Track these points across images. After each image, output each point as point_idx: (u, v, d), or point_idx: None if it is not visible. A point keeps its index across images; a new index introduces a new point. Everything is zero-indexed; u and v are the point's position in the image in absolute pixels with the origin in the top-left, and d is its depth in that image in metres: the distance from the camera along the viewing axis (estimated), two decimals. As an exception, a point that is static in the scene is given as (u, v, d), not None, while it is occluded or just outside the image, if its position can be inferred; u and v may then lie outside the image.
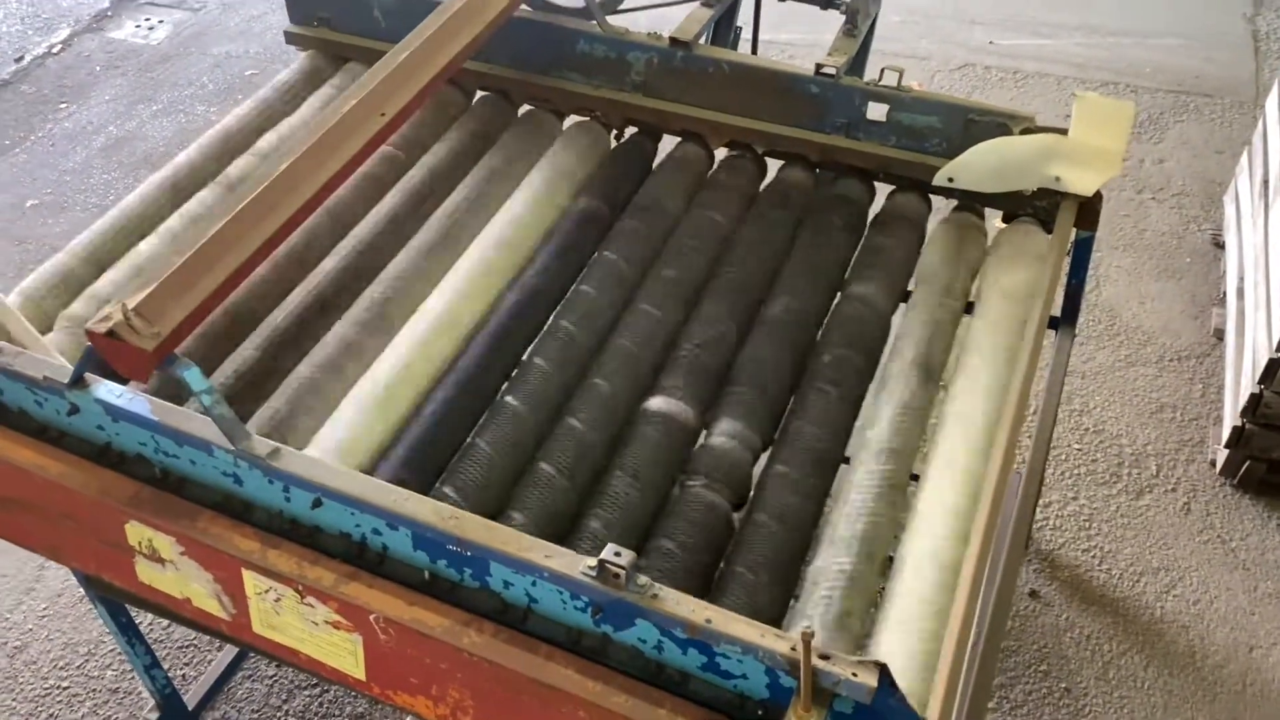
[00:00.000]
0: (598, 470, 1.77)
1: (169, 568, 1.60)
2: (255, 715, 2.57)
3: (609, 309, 2.00)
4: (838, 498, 1.72)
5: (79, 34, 5.20)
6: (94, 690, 2.64)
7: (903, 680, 1.29)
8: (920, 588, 1.56)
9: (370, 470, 1.74)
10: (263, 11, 5.32)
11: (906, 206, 2.21)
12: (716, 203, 2.21)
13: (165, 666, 2.43)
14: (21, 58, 5.03)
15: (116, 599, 2.02)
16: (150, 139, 4.49)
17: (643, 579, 1.34)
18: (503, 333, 1.96)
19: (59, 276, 1.96)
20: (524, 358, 1.93)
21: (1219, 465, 2.99)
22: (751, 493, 1.76)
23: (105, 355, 1.47)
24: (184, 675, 2.64)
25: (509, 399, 1.83)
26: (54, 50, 5.09)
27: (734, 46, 2.78)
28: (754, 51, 2.81)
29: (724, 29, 2.68)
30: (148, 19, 5.33)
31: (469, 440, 1.78)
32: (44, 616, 2.79)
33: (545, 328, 1.98)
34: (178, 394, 1.74)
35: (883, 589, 1.62)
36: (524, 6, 2.28)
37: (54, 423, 1.67)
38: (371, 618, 1.46)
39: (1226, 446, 2.94)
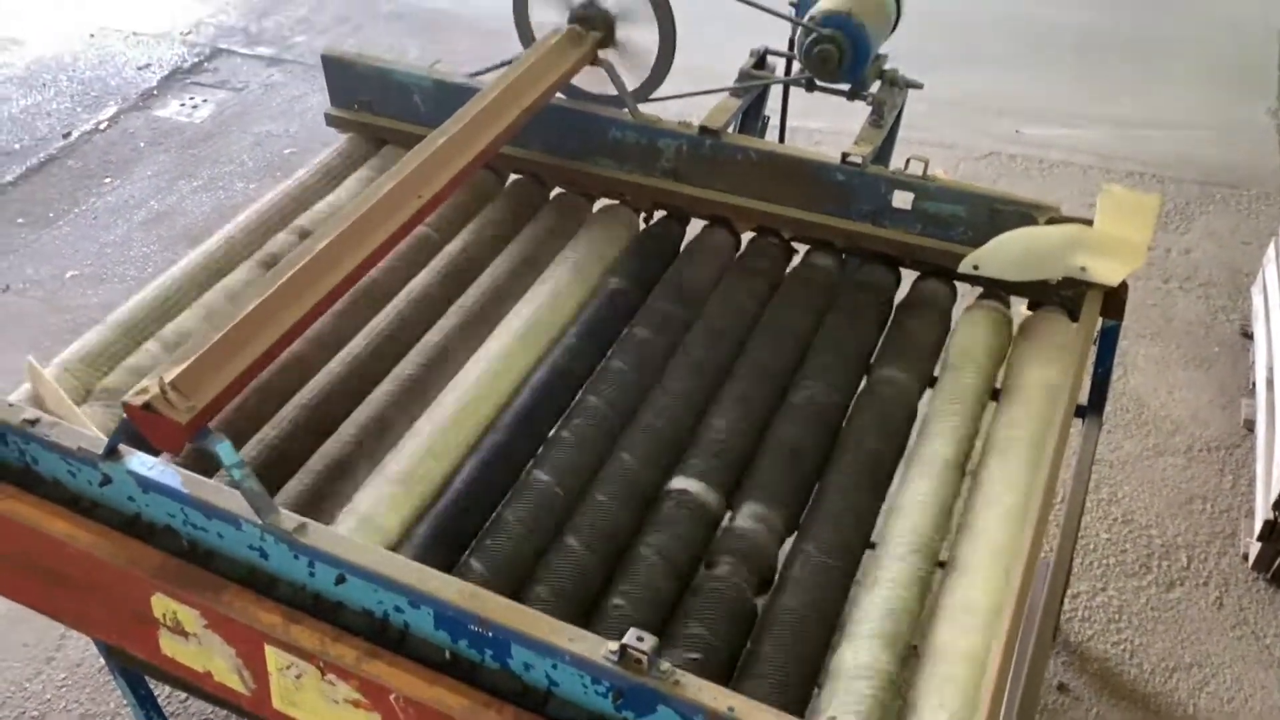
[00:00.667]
0: (623, 547, 1.77)
1: (192, 640, 1.61)
2: (269, 793, 2.54)
3: (637, 386, 2.02)
4: (863, 584, 1.71)
5: (125, 112, 5.37)
6: (109, 763, 2.62)
7: (928, 775, 1.26)
8: (946, 679, 1.54)
9: (397, 546, 1.75)
10: (303, 93, 5.47)
11: (932, 292, 2.22)
12: (743, 285, 2.24)
13: (181, 741, 2.42)
14: (69, 134, 5.19)
15: (137, 671, 2.02)
16: (190, 214, 4.60)
17: (665, 665, 1.34)
18: (530, 410, 1.98)
19: (96, 349, 2.00)
20: (552, 433, 1.94)
21: (1251, 559, 2.94)
22: (776, 577, 1.75)
23: (140, 427, 1.50)
24: (199, 750, 2.62)
25: (537, 473, 1.84)
26: (101, 127, 5.25)
27: (762, 134, 2.84)
28: (781, 139, 2.86)
29: (752, 117, 2.73)
30: (192, 98, 5.49)
31: (497, 513, 1.79)
32: (63, 686, 2.78)
33: (574, 403, 2.00)
34: (208, 466, 1.76)
35: (907, 679, 1.59)
36: (558, 94, 2.34)
37: (86, 493, 1.69)
38: (392, 697, 1.45)
39: (1259, 540, 2.90)
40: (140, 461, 1.60)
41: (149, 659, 1.71)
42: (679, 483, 1.84)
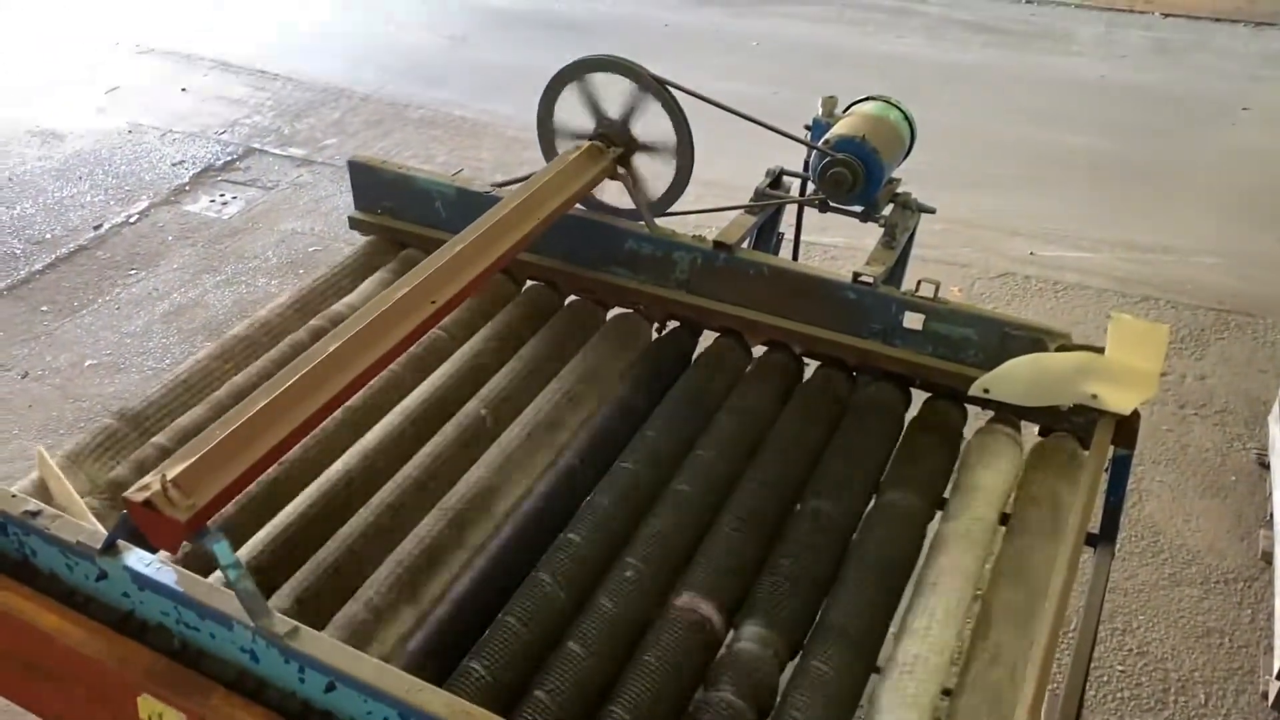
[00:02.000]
0: (624, 654, 1.74)
1: (175, 745, 1.57)
2: None
3: (644, 491, 2.01)
4: (869, 708, 1.66)
5: (156, 205, 5.50)
6: None
7: None
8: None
9: (392, 653, 1.72)
10: (330, 193, 5.60)
11: (943, 413, 2.21)
12: (752, 398, 2.24)
13: None
14: (100, 225, 5.31)
15: (120, 773, 1.97)
16: (211, 307, 4.67)
17: (657, 793, 1.29)
18: (535, 516, 1.96)
19: (105, 441, 2.01)
20: (559, 536, 1.92)
21: (1271, 698, 2.85)
22: (778, 702, 1.70)
23: (140, 524, 1.49)
24: None
25: (540, 575, 1.81)
26: (131, 220, 5.38)
27: (776, 250, 2.88)
28: (795, 256, 2.90)
29: (767, 233, 2.77)
30: (223, 195, 5.63)
31: (500, 617, 1.76)
32: (45, 784, 2.71)
33: (581, 507, 1.98)
34: (206, 563, 1.75)
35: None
36: (577, 205, 2.39)
37: (82, 587, 1.67)
38: (375, 814, 1.41)
39: (1279, 678, 2.81)
40: (138, 558, 1.59)
41: (131, 762, 1.67)
42: (684, 600, 1.81)
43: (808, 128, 2.60)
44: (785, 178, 2.76)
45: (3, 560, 1.73)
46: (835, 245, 4.86)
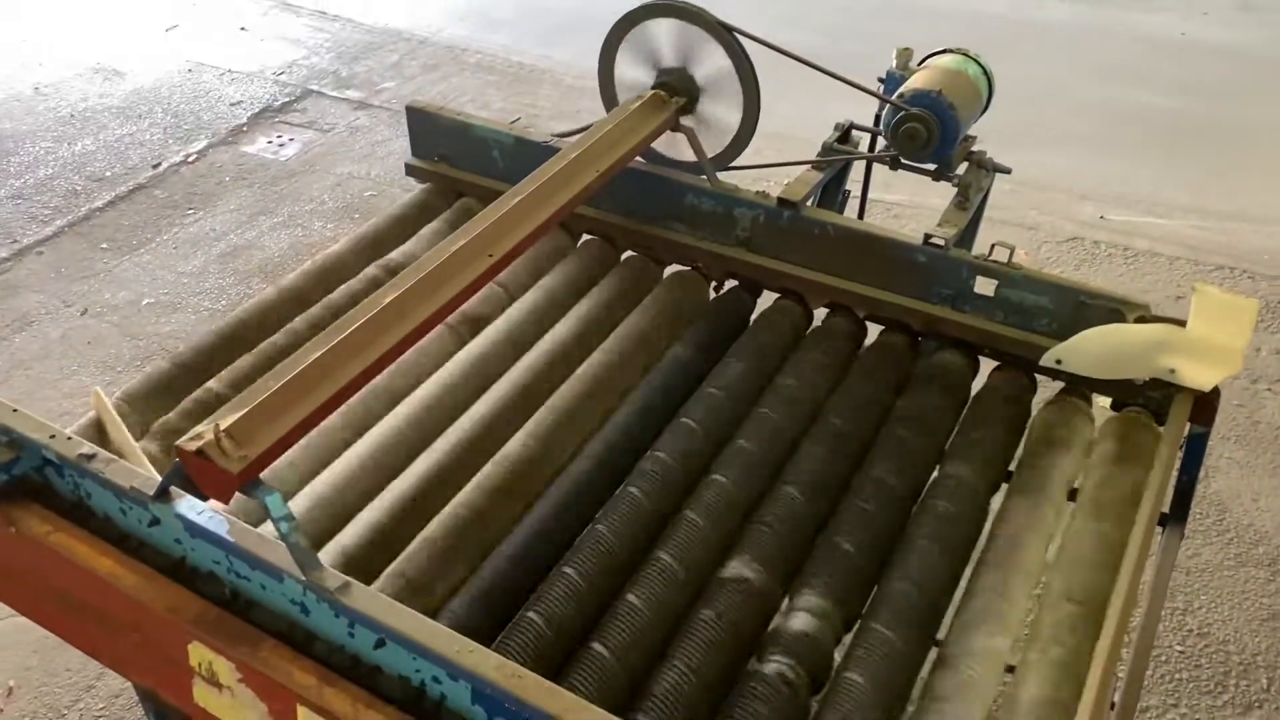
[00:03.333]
0: (681, 611, 1.71)
1: (225, 693, 1.57)
2: (292, 847, 2.48)
3: (691, 471, 1.96)
4: (928, 691, 1.62)
5: (214, 146, 5.51)
6: (137, 801, 2.59)
7: None
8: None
9: (440, 609, 1.70)
10: (386, 138, 5.57)
11: (1011, 384, 2.14)
12: (812, 363, 2.18)
13: (210, 785, 2.37)
14: (159, 164, 5.34)
15: (170, 716, 1.99)
16: (266, 249, 4.67)
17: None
18: (587, 477, 1.93)
19: (160, 385, 2.00)
20: (619, 489, 1.89)
21: (1337, 685, 2.77)
22: (833, 675, 1.66)
23: (192, 472, 1.48)
24: (227, 795, 2.58)
25: (599, 528, 1.79)
26: (189, 159, 5.39)
27: (842, 209, 2.79)
28: (861, 215, 2.81)
29: (832, 191, 2.69)
30: (280, 136, 5.63)
31: (558, 567, 1.73)
32: (100, 717, 2.77)
33: (634, 467, 1.95)
34: (259, 513, 1.74)
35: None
36: (637, 158, 2.32)
37: (135, 531, 1.67)
38: (421, 772, 1.40)
39: (1346, 666, 2.73)
40: (190, 506, 1.58)
41: (181, 706, 1.67)
42: (734, 568, 1.77)
43: (881, 80, 2.51)
44: (854, 132, 2.67)
45: (59, 501, 1.73)
46: (898, 203, 4.74)
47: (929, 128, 2.28)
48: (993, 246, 2.12)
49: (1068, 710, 1.52)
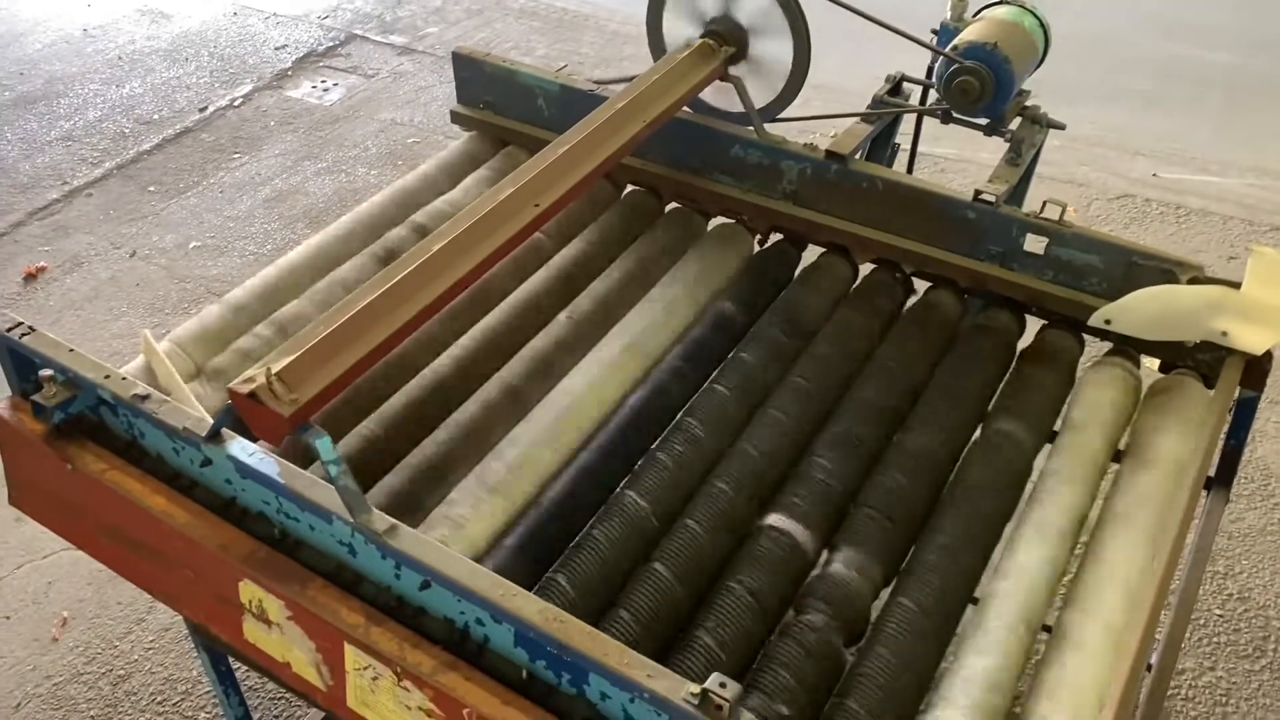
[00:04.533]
0: (711, 577, 1.72)
1: (275, 630, 1.61)
2: (335, 779, 2.56)
3: (739, 413, 1.97)
4: (963, 648, 1.62)
5: (259, 90, 5.52)
6: (186, 730, 2.68)
7: None
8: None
9: (483, 555, 1.73)
10: (430, 84, 5.56)
11: (1058, 343, 2.12)
12: (858, 319, 2.17)
13: (257, 716, 2.45)
14: (205, 108, 5.36)
15: (220, 649, 2.05)
16: (311, 195, 4.70)
17: (746, 716, 1.28)
18: (627, 429, 1.94)
19: (210, 328, 2.03)
20: (648, 453, 1.90)
21: (1379, 654, 2.74)
22: (870, 628, 1.67)
23: (244, 414, 1.51)
24: (272, 728, 2.66)
25: (629, 494, 1.80)
26: (235, 104, 5.41)
27: (890, 163, 2.75)
28: (910, 170, 2.77)
29: (881, 144, 2.65)
30: (324, 81, 5.63)
31: (586, 531, 1.76)
32: (150, 649, 2.85)
33: (672, 425, 1.96)
34: (305, 456, 1.77)
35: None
36: (684, 108, 2.30)
37: (186, 471, 1.71)
38: (465, 711, 1.43)
39: (1389, 634, 2.70)
40: (241, 447, 1.61)
41: (231, 642, 1.72)
42: (775, 520, 1.78)
43: (934, 32, 2.46)
44: (905, 84, 2.62)
45: (113, 441, 1.77)
46: (946, 157, 4.67)
47: (982, 81, 2.24)
48: (1044, 204, 2.08)
49: (1106, 677, 1.52)
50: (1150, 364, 2.11)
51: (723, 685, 1.27)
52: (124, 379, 1.70)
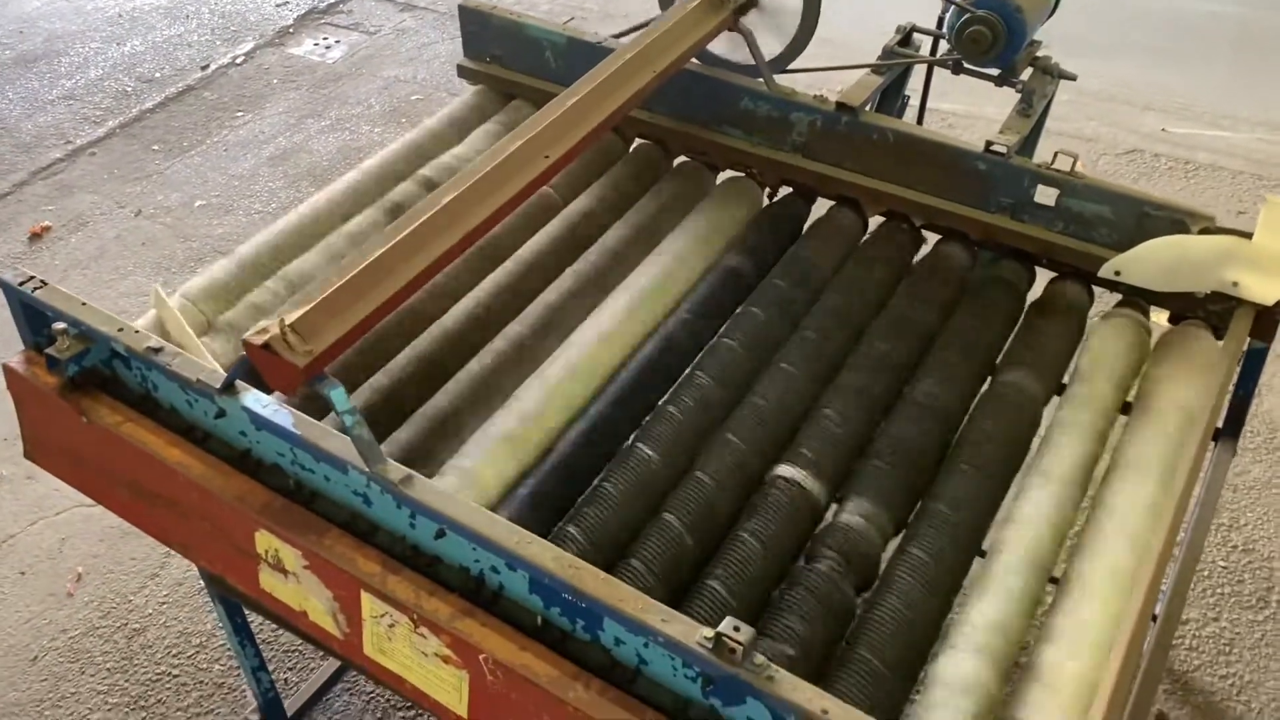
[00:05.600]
0: (722, 529, 1.74)
1: (291, 579, 1.63)
2: (350, 729, 2.60)
3: (748, 366, 1.98)
4: (970, 594, 1.64)
5: (261, 48, 5.48)
6: (201, 682, 2.71)
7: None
8: (1053, 701, 1.47)
9: (496, 505, 1.74)
10: (433, 40, 5.51)
11: (1068, 295, 2.12)
12: (867, 271, 2.16)
13: (271, 668, 2.48)
14: (207, 66, 5.32)
15: (235, 600, 2.07)
16: (315, 153, 4.68)
17: (759, 658, 1.30)
18: (638, 382, 1.95)
19: (221, 282, 2.03)
20: (658, 405, 1.91)
21: (1382, 604, 2.77)
22: (879, 577, 1.69)
23: (259, 366, 1.51)
24: (286, 680, 2.69)
25: (639, 446, 1.81)
26: (237, 61, 5.37)
27: (900, 115, 2.74)
28: (920, 122, 2.75)
29: (891, 96, 2.63)
30: (326, 38, 5.58)
31: (596, 483, 1.77)
32: (164, 603, 2.89)
33: (681, 379, 1.96)
34: (320, 407, 1.78)
35: (1009, 695, 1.53)
36: (693, 60, 2.29)
37: (201, 423, 1.72)
38: (481, 657, 1.45)
39: (1392, 585, 2.72)
40: (255, 399, 1.62)
41: (248, 591, 1.74)
42: (785, 470, 1.79)
43: (945, -18, 2.43)
44: (915, 35, 2.60)
45: (127, 394, 1.78)
46: (954, 112, 4.63)
47: (994, 30, 2.22)
48: (1055, 155, 2.07)
49: (1114, 624, 1.53)
50: (1159, 317, 2.11)
51: (736, 629, 1.29)
52: (137, 332, 1.71)
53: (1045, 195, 2.09)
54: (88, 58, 5.38)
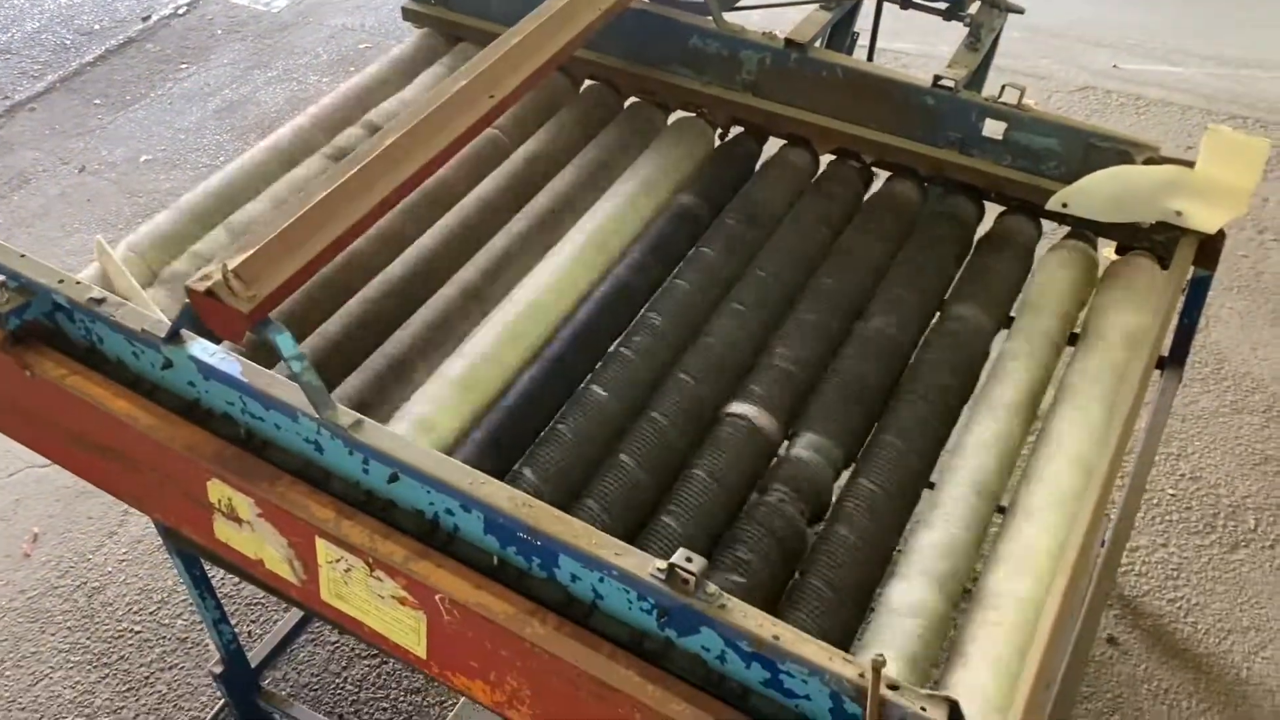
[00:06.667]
0: (676, 467, 1.75)
1: (245, 528, 1.62)
2: (315, 679, 2.61)
3: (701, 306, 1.98)
4: (920, 522, 1.67)
5: (204, -3, 5.35)
6: (164, 638, 2.70)
7: (973, 717, 1.24)
8: (999, 625, 1.50)
9: (450, 450, 1.74)
10: (381, -13, 5.40)
11: (1016, 229, 2.13)
12: (818, 210, 2.17)
13: (233, 622, 2.48)
14: (149, 17, 5.19)
15: (193, 552, 2.06)
16: (263, 105, 4.59)
17: (712, 587, 1.32)
18: (591, 323, 1.95)
19: (165, 233, 2.00)
20: (611, 348, 1.91)
21: (1323, 526, 2.85)
22: (830, 508, 1.71)
23: (202, 314, 1.50)
24: (250, 632, 2.69)
25: (594, 387, 1.81)
26: (179, 12, 5.24)
27: (850, 52, 2.73)
28: (870, 59, 2.75)
29: (841, 33, 2.62)
30: (271, -13, 5.45)
31: (551, 425, 1.77)
32: (123, 560, 2.87)
33: (635, 321, 1.96)
34: (270, 357, 1.76)
35: (956, 621, 1.56)
36: (640, -3, 2.26)
37: (148, 375, 1.70)
38: (437, 597, 1.46)
39: (1333, 507, 2.80)
40: (202, 348, 1.60)
41: (203, 542, 1.73)
42: (737, 407, 1.80)
43: (892, -85, 2.42)
44: (863, -28, 2.59)
45: (71, 346, 1.76)
46: (907, 52, 4.62)
47: (941, -37, 2.21)
48: (1003, 88, 2.08)
49: (1060, 548, 1.56)
50: (1108, 252, 2.13)
51: (689, 560, 1.31)
52: (79, 283, 1.68)
53: (993, 129, 2.10)
54: (23, 10, 5.23)
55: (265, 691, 2.43)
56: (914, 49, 4.61)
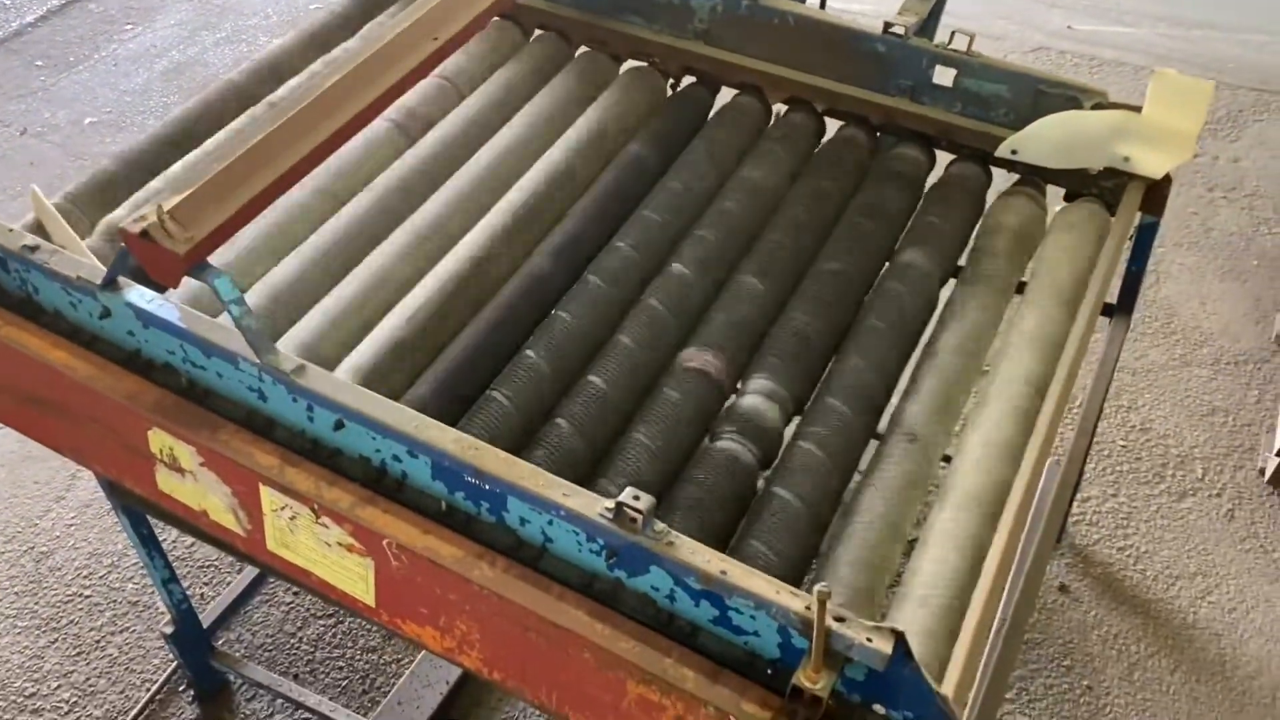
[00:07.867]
0: (622, 425, 1.74)
1: (188, 478, 1.60)
2: (269, 639, 2.59)
3: (647, 262, 1.96)
4: (868, 470, 1.67)
5: (149, -44, 5.21)
6: (114, 601, 2.67)
7: (919, 655, 1.24)
8: (943, 567, 1.51)
9: (397, 398, 1.72)
10: (332, -54, 5.29)
11: (966, 176, 2.13)
12: (770, 159, 2.15)
13: (185, 585, 2.45)
14: (92, -24, 5.05)
15: (138, 509, 2.03)
16: (211, 66, 4.49)
17: (660, 525, 1.31)
18: (542, 273, 1.92)
19: (103, 182, 1.95)
20: (550, 312, 1.88)
21: (1268, 474, 2.90)
22: (780, 453, 1.72)
23: (138, 256, 1.46)
24: (202, 595, 2.66)
25: (528, 353, 1.77)
26: (124, -29, 5.11)
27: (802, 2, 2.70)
28: (823, 6, 2.73)
29: (793, -14, 2.60)
30: (218, -54, 5.32)
31: (487, 392, 1.73)
32: (71, 525, 2.82)
33: (576, 283, 1.93)
34: (213, 312, 1.73)
35: (904, 567, 1.57)
36: (589, -56, 2.23)
37: (86, 325, 1.66)
38: (385, 543, 1.44)
39: (1278, 455, 2.85)
40: (140, 294, 1.57)
41: (146, 495, 1.70)
42: (689, 354, 1.79)
43: None
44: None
45: (5, 297, 1.72)
46: (863, 13, 4.60)
47: (892, -90, 2.19)
48: (952, 34, 2.08)
49: (1003, 492, 1.56)
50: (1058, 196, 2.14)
51: (636, 498, 1.30)
52: (11, 230, 1.64)
53: (944, 75, 2.10)
54: (-40, -31, 5.07)
55: (218, 652, 2.41)
56: (871, 9, 4.59)
